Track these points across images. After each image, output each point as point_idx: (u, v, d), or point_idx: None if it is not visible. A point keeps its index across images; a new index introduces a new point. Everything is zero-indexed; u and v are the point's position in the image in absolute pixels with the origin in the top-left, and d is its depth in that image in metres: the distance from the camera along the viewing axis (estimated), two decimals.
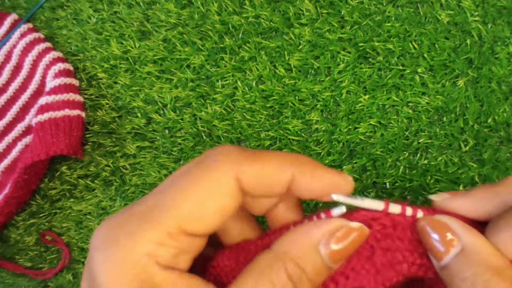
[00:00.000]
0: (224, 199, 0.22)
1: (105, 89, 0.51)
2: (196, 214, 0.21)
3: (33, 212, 0.52)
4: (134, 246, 0.20)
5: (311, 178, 0.23)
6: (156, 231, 0.21)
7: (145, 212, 0.21)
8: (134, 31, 0.51)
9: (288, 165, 0.23)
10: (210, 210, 0.22)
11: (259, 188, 0.23)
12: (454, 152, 0.45)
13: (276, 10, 0.48)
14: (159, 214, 0.21)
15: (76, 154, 0.49)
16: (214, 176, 0.22)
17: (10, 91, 0.53)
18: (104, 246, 0.21)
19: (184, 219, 0.21)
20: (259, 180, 0.23)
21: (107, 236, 0.21)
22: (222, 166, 0.22)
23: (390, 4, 0.46)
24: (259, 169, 0.23)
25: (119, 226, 0.21)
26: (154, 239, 0.21)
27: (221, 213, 0.22)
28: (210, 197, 0.22)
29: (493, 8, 0.45)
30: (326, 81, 0.47)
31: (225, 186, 0.22)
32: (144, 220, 0.21)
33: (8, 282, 0.53)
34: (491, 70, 0.45)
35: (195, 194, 0.21)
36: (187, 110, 0.49)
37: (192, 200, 0.21)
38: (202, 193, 0.22)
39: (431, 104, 0.45)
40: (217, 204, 0.22)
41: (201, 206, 0.21)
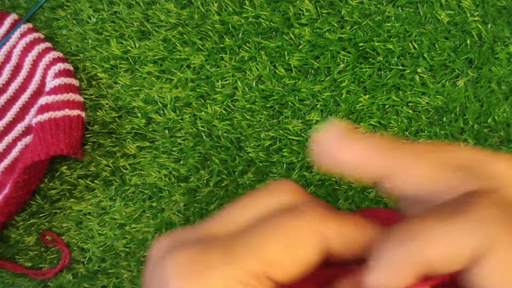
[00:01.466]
0: (310, 252, 0.21)
1: (105, 89, 0.51)
2: (283, 262, 0.21)
3: (33, 212, 0.52)
4: (216, 280, 0.20)
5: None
6: (242, 270, 0.20)
7: (229, 248, 0.21)
8: (134, 31, 0.51)
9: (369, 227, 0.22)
10: (296, 260, 0.21)
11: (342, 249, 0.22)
12: None
13: (276, 10, 0.48)
14: (245, 253, 0.20)
15: (76, 154, 0.49)
16: (303, 226, 0.21)
17: (10, 91, 0.53)
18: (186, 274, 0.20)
19: (270, 263, 0.20)
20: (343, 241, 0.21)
21: (191, 264, 0.20)
22: (311, 219, 0.21)
23: (390, 4, 0.46)
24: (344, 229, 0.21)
25: (202, 257, 0.20)
26: (239, 277, 0.20)
27: (304, 265, 0.21)
28: (298, 247, 0.21)
29: (493, 8, 0.45)
30: (326, 81, 0.47)
31: (313, 240, 0.21)
32: (229, 257, 0.20)
33: (8, 282, 0.53)
34: (491, 70, 0.45)
35: (283, 240, 0.21)
36: (187, 110, 0.49)
37: (280, 246, 0.20)
38: (291, 241, 0.21)
39: (431, 104, 0.45)
40: (303, 256, 0.21)
41: (289, 254, 0.21)
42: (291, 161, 0.47)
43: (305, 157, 0.47)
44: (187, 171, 0.49)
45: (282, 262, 0.21)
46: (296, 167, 0.47)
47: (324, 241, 0.22)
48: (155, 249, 0.23)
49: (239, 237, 0.21)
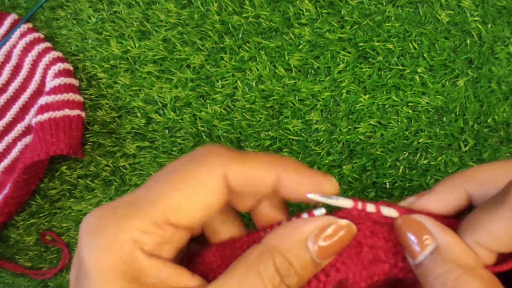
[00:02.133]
0: (210, 195, 0.23)
1: (105, 89, 0.51)
2: (182, 207, 0.22)
3: (33, 212, 0.52)
4: (120, 232, 0.21)
5: (295, 179, 0.24)
6: (141, 220, 0.22)
7: (133, 201, 0.22)
8: (134, 31, 0.51)
9: (274, 166, 0.24)
10: (196, 204, 0.23)
11: (245, 187, 0.24)
12: (454, 152, 0.45)
13: (276, 10, 0.48)
14: (146, 204, 0.22)
15: (76, 154, 0.49)
16: (202, 173, 0.23)
17: (10, 91, 0.53)
18: (91, 232, 0.22)
19: (169, 210, 0.22)
20: (245, 179, 0.23)
21: (95, 222, 0.22)
22: (210, 164, 0.23)
23: (390, 4, 0.46)
24: (246, 168, 0.23)
25: (107, 214, 0.22)
26: (139, 226, 0.22)
27: (206, 208, 0.23)
28: (196, 191, 0.23)
29: (493, 8, 0.45)
30: (326, 81, 0.47)
31: (212, 183, 0.23)
32: (131, 209, 0.22)
33: (8, 282, 0.53)
34: (491, 70, 0.45)
35: (182, 188, 0.22)
36: (187, 110, 0.49)
37: (179, 193, 0.22)
38: (189, 188, 0.23)
39: (431, 104, 0.45)
40: (203, 199, 0.23)
41: (187, 199, 0.22)
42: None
43: (305, 157, 0.47)
44: None
45: (182, 208, 0.22)
46: None
47: (225, 183, 0.23)
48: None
49: (144, 191, 0.23)
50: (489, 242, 0.21)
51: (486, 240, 0.21)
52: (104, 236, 0.21)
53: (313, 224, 0.23)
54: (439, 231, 0.22)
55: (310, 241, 0.22)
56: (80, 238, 0.22)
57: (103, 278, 0.21)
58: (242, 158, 0.24)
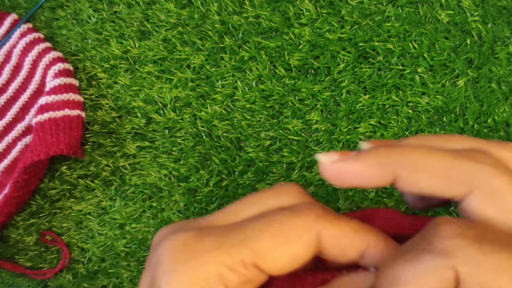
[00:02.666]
0: (302, 249, 0.22)
1: (105, 89, 0.51)
2: (273, 254, 0.22)
3: (33, 212, 0.52)
4: (208, 265, 0.21)
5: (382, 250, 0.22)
6: (231, 256, 0.21)
7: (224, 235, 0.22)
8: (134, 31, 0.51)
9: (366, 233, 0.23)
10: (286, 254, 0.22)
11: (335, 249, 0.23)
12: None
13: (276, 10, 0.48)
14: (237, 242, 0.21)
15: (76, 154, 0.49)
16: (300, 224, 0.22)
17: (10, 91, 0.53)
18: (177, 255, 0.21)
19: (260, 255, 0.21)
20: (336, 241, 0.22)
21: (182, 249, 0.21)
22: (307, 217, 0.22)
23: (390, 4, 0.46)
24: (340, 230, 0.22)
25: (195, 242, 0.22)
26: (228, 263, 0.21)
27: (294, 260, 0.22)
28: (289, 242, 0.22)
29: (493, 8, 0.45)
30: (326, 81, 0.47)
31: (306, 237, 0.22)
32: (222, 243, 0.21)
33: (8, 282, 0.53)
34: (491, 70, 0.45)
35: (276, 234, 0.22)
36: (187, 110, 0.49)
37: (272, 239, 0.22)
38: (283, 236, 0.22)
39: (431, 104, 0.45)
40: (295, 252, 0.22)
41: (279, 248, 0.22)
42: (291, 161, 0.47)
43: (305, 157, 0.47)
44: (187, 171, 0.49)
45: (272, 254, 0.22)
46: (296, 167, 0.47)
47: (317, 240, 0.22)
48: (156, 236, 0.23)
49: (234, 227, 0.22)
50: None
51: None
52: (191, 264, 0.21)
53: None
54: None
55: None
56: (162, 257, 0.21)
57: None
58: (337, 219, 0.22)
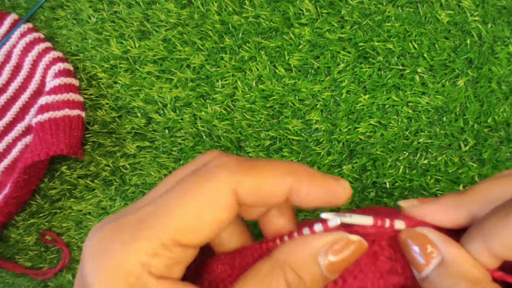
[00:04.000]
0: (221, 211, 0.22)
1: (105, 89, 0.51)
2: (192, 227, 0.21)
3: (33, 212, 0.52)
4: (128, 256, 0.20)
5: (309, 188, 0.23)
6: (150, 242, 0.21)
7: (139, 221, 0.21)
8: (134, 31, 0.51)
9: (286, 176, 0.23)
10: (206, 222, 0.21)
11: (256, 199, 0.23)
12: (454, 152, 0.45)
13: (276, 10, 0.48)
14: (154, 224, 0.21)
15: (76, 154, 0.49)
16: (212, 187, 0.22)
17: (10, 91, 0.53)
18: (97, 254, 0.21)
19: (179, 231, 0.21)
20: (257, 192, 0.22)
21: (101, 244, 0.21)
22: (219, 177, 0.22)
23: (390, 4, 0.46)
24: (257, 181, 0.22)
25: (112, 235, 0.21)
26: (147, 249, 0.21)
27: (217, 225, 0.22)
28: (206, 209, 0.21)
29: (493, 8, 0.45)
30: (326, 81, 0.47)
31: (223, 198, 0.22)
32: (138, 230, 0.21)
33: (8, 282, 0.53)
34: (491, 70, 0.45)
35: (191, 205, 0.21)
36: (187, 110, 0.49)
37: (188, 212, 0.21)
38: (199, 205, 0.21)
39: (431, 104, 0.45)
40: (214, 216, 0.22)
41: (197, 219, 0.21)
42: (291, 161, 0.47)
43: (305, 157, 0.47)
44: None
45: (192, 227, 0.21)
46: None
47: (235, 197, 0.22)
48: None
49: (148, 208, 0.22)
50: (500, 248, 0.21)
51: (498, 247, 0.21)
52: (111, 260, 0.20)
53: (323, 239, 0.22)
54: (444, 243, 0.22)
55: (321, 256, 0.22)
56: (84, 260, 0.21)
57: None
58: (252, 169, 0.22)
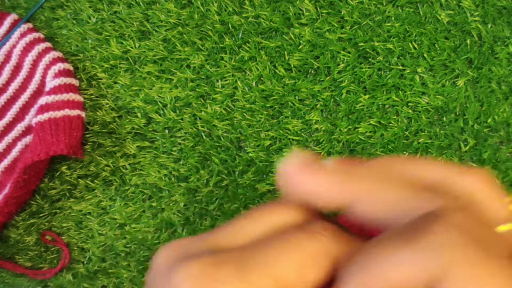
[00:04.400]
0: (321, 273, 0.21)
1: (105, 89, 0.51)
2: (292, 281, 0.20)
3: (33, 212, 0.52)
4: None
5: None
6: (252, 286, 0.20)
7: (240, 261, 0.21)
8: (134, 31, 0.51)
9: None
10: (307, 280, 0.21)
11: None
12: (454, 152, 0.45)
13: (276, 10, 0.48)
14: (255, 268, 0.20)
15: (76, 154, 0.49)
16: (318, 247, 0.21)
17: (10, 91, 0.53)
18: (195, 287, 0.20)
19: (280, 281, 0.20)
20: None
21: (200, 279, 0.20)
22: (325, 239, 0.21)
23: (390, 4, 0.46)
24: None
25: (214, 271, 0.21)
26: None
27: (313, 286, 0.21)
28: (310, 267, 0.21)
29: (493, 8, 0.45)
30: (326, 81, 0.47)
31: (326, 262, 0.21)
32: (241, 271, 0.20)
33: (8, 282, 0.53)
34: (491, 70, 0.45)
35: (296, 259, 0.20)
36: (187, 110, 0.49)
37: (292, 265, 0.20)
38: (303, 262, 0.20)
39: (431, 104, 0.45)
40: (314, 276, 0.21)
41: (299, 275, 0.20)
42: None
43: None
44: (187, 171, 0.49)
45: (292, 281, 0.20)
46: None
47: (334, 263, 0.21)
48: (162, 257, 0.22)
49: (251, 253, 0.21)
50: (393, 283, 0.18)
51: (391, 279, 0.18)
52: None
53: None
54: None
55: None
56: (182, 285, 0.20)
57: None
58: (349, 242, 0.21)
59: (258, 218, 0.23)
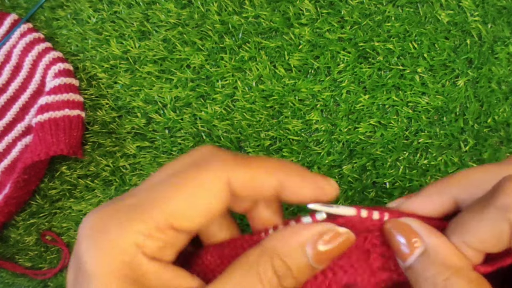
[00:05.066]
0: (213, 200, 0.23)
1: (105, 89, 0.51)
2: (185, 211, 0.22)
3: (33, 212, 0.52)
4: (123, 236, 0.21)
5: (297, 184, 0.24)
6: (145, 223, 0.22)
7: (136, 204, 0.22)
8: (134, 31, 0.51)
9: (277, 171, 0.24)
10: (199, 209, 0.23)
11: (247, 192, 0.24)
12: (454, 152, 0.45)
13: (276, 10, 0.48)
14: (149, 207, 0.22)
15: (76, 154, 0.49)
16: (207, 177, 0.23)
17: (10, 91, 0.53)
18: (93, 234, 0.22)
19: (173, 214, 0.22)
20: (249, 184, 0.24)
21: (97, 224, 0.22)
22: (214, 168, 0.23)
23: (390, 4, 0.46)
24: (249, 173, 0.24)
25: (109, 216, 0.22)
26: (142, 230, 0.22)
27: (209, 213, 0.23)
28: (200, 196, 0.23)
29: (493, 8, 0.45)
30: (326, 81, 0.47)
31: (216, 188, 0.23)
32: (134, 212, 0.22)
33: (8, 282, 0.53)
34: (491, 70, 0.45)
35: (186, 192, 0.22)
36: (187, 110, 0.49)
37: (183, 197, 0.22)
38: (193, 192, 0.23)
39: (431, 104, 0.45)
40: (207, 204, 0.23)
41: (191, 204, 0.22)
42: (291, 160, 0.47)
43: (305, 157, 0.47)
44: None
45: (185, 212, 0.22)
46: None
47: (228, 188, 0.23)
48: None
49: (145, 192, 0.23)
50: (476, 243, 0.22)
51: (473, 241, 0.22)
52: (106, 239, 0.21)
53: (312, 229, 0.23)
54: (427, 233, 0.23)
55: (308, 246, 0.23)
56: (79, 240, 0.22)
57: (106, 282, 0.21)
58: (245, 163, 0.24)
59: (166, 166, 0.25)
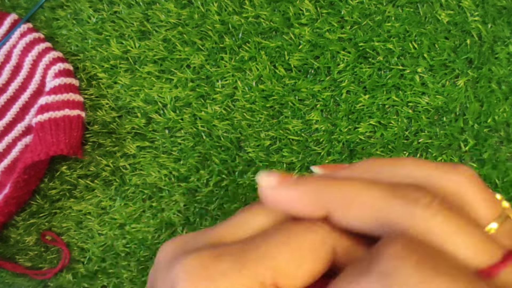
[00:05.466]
0: (320, 263, 0.21)
1: (105, 89, 0.51)
2: (292, 271, 0.21)
3: (33, 212, 0.52)
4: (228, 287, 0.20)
5: None
6: (248, 277, 0.20)
7: (240, 254, 0.21)
8: (134, 31, 0.51)
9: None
10: (305, 270, 0.21)
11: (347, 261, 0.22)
12: (454, 152, 0.45)
13: (276, 10, 0.48)
14: (254, 260, 0.21)
15: (76, 154, 0.49)
16: (316, 238, 0.21)
17: (10, 91, 0.53)
18: (196, 278, 0.20)
19: (279, 272, 0.21)
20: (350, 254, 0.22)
21: (199, 270, 0.21)
22: (323, 230, 0.22)
23: (390, 4, 0.46)
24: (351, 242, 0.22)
25: (212, 263, 0.21)
26: (247, 285, 0.20)
27: (312, 276, 0.21)
28: (309, 258, 0.21)
29: (493, 8, 0.45)
30: (326, 81, 0.47)
31: (324, 252, 0.21)
32: (240, 263, 0.21)
33: (8, 282, 0.53)
34: (491, 70, 0.45)
35: (295, 250, 0.21)
36: (187, 110, 0.49)
37: (291, 256, 0.21)
38: (302, 252, 0.21)
39: (431, 104, 0.45)
40: (312, 267, 0.21)
41: (298, 265, 0.21)
42: (291, 161, 0.47)
43: (305, 157, 0.47)
44: (187, 171, 0.49)
45: (291, 272, 0.21)
46: (296, 167, 0.47)
47: (333, 254, 0.22)
48: (163, 252, 0.23)
49: (250, 245, 0.21)
50: None
51: None
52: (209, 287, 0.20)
53: None
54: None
55: None
56: (179, 276, 0.21)
57: None
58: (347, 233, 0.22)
59: (257, 213, 0.23)
